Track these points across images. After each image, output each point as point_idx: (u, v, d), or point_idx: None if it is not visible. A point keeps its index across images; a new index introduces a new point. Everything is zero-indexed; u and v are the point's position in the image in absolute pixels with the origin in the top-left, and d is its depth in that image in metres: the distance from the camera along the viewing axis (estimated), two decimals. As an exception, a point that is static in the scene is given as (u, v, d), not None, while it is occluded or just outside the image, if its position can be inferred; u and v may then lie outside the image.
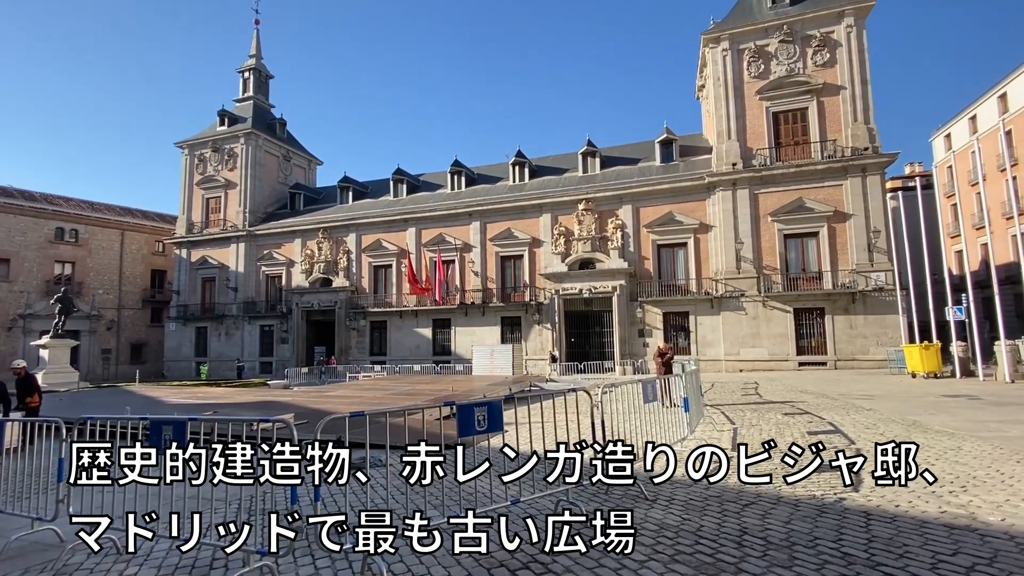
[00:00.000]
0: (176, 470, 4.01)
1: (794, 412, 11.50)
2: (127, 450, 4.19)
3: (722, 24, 29.02)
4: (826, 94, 26.52)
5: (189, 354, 39.50)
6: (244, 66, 45.54)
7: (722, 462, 4.52)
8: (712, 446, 4.57)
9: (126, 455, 4.17)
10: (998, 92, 34.89)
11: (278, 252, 38.10)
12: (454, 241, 32.74)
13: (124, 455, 4.18)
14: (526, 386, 18.73)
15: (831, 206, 25.53)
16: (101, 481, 4.32)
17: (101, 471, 4.25)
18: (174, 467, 4.01)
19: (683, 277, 28.06)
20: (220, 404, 15.50)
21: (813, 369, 24.61)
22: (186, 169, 41.99)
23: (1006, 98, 34.23)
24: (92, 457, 4.28)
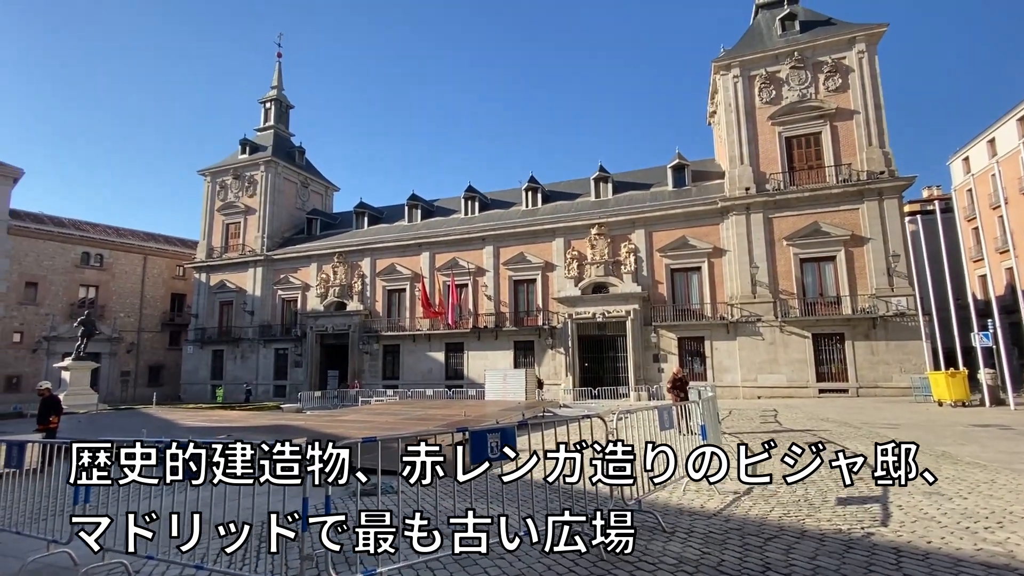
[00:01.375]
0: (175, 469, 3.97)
1: (815, 441, 11.17)
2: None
3: (732, 52, 29.38)
4: (839, 119, 26.53)
5: (205, 377, 39.86)
6: (266, 97, 47.08)
7: (722, 464, 4.43)
8: (712, 446, 4.41)
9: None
10: (1017, 115, 34.55)
11: (294, 276, 38.64)
12: (467, 265, 32.93)
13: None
14: (540, 412, 18.51)
15: (848, 230, 25.26)
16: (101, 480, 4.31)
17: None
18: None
19: (698, 301, 27.79)
20: (234, 428, 15.53)
21: (834, 396, 23.98)
22: (208, 196, 43.12)
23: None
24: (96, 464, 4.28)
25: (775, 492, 6.79)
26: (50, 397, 10.21)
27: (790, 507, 6.06)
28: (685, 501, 6.45)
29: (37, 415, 10.08)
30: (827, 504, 6.16)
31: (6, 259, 36.62)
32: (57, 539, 4.99)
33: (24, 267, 37.44)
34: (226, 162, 43.50)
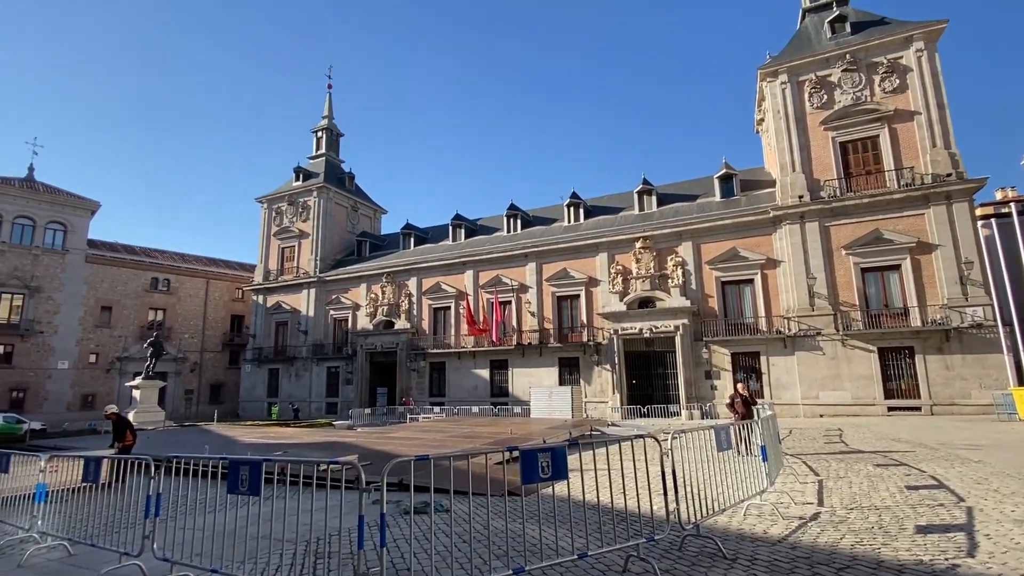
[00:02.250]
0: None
1: (888, 463, 10.43)
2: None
3: (779, 58, 28.59)
4: (898, 120, 25.21)
5: (262, 395, 41.54)
6: (317, 126, 49.50)
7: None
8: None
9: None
10: (1101, 108, 31.82)
11: (345, 297, 39.94)
12: (510, 282, 33.08)
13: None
14: (587, 431, 18.20)
15: (913, 237, 23.78)
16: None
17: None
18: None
19: (751, 315, 26.74)
20: (289, 444, 16.05)
21: (905, 414, 22.35)
22: (265, 222, 45.47)
23: (1112, 114, 31.12)
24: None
25: (845, 518, 6.36)
26: (118, 419, 10.89)
27: (863, 535, 5.64)
28: (746, 526, 6.12)
29: (112, 434, 10.75)
30: (905, 532, 5.70)
31: (84, 285, 39.79)
32: (129, 551, 5.24)
33: (100, 292, 40.45)
34: (281, 189, 45.82)
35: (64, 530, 6.20)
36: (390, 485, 8.66)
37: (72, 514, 6.29)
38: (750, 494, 6.71)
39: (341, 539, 5.41)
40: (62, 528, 6.27)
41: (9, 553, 6.30)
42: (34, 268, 37.57)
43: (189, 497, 6.07)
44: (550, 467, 4.41)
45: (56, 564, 5.89)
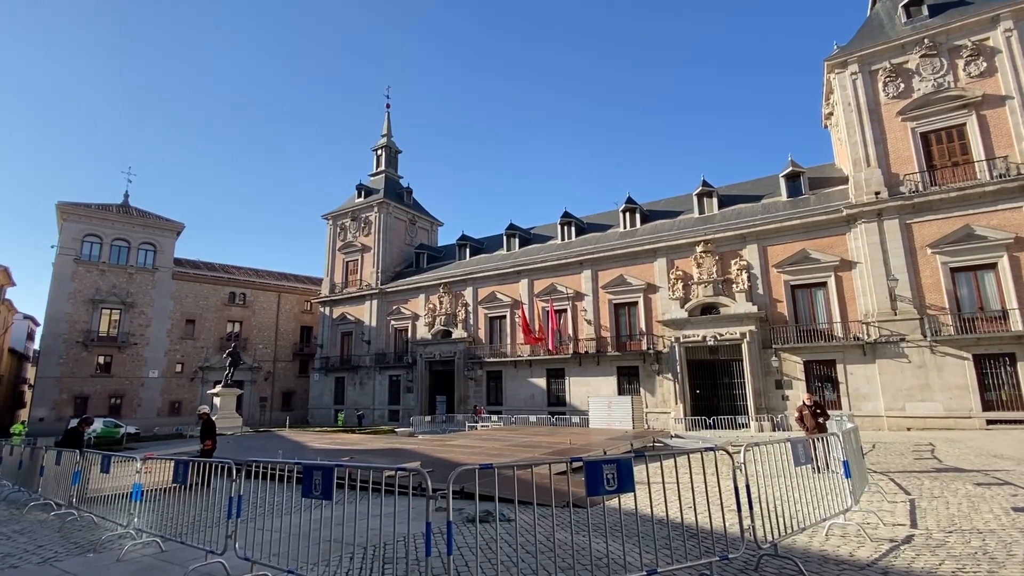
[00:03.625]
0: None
1: (990, 482, 9.44)
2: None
3: (848, 48, 26.97)
4: (987, 107, 23.07)
5: (329, 402, 43.38)
6: (377, 145, 51.63)
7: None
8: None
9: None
10: None
11: (405, 307, 41.14)
12: (565, 290, 32.85)
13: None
14: (649, 442, 17.69)
15: (1010, 232, 21.58)
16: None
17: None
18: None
19: (825, 320, 25.13)
20: (355, 450, 16.61)
21: (1008, 428, 20.16)
22: (330, 237, 47.79)
23: None
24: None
25: (943, 542, 5.80)
26: (208, 420, 11.53)
27: (965, 561, 5.11)
28: (829, 547, 5.70)
29: (201, 433, 11.46)
30: (1013, 559, 5.12)
31: (171, 300, 43.26)
32: (214, 550, 5.57)
33: (184, 307, 43.80)
34: (344, 206, 48.02)
35: (157, 527, 6.69)
36: (454, 493, 8.78)
37: (163, 512, 6.77)
38: (832, 513, 6.25)
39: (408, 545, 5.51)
40: (155, 525, 6.76)
41: (109, 548, 6.87)
42: (129, 285, 41.26)
43: (266, 499, 6.39)
44: (615, 479, 4.30)
45: (150, 559, 6.35)
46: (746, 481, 4.86)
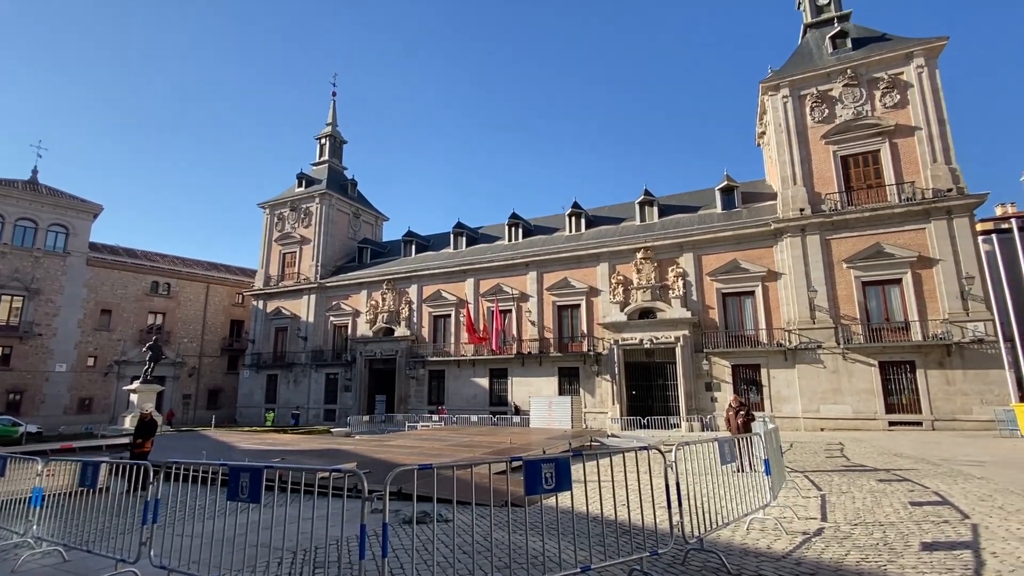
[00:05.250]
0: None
1: (891, 479, 10.36)
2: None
3: (781, 72, 28.81)
4: (899, 135, 25.35)
5: (260, 400, 41.36)
6: (321, 133, 49.79)
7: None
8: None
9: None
10: (1101, 126, 32.05)
11: (345, 303, 39.92)
12: (511, 291, 33.07)
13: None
14: (587, 441, 18.09)
15: (914, 251, 23.81)
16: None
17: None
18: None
19: (752, 327, 26.70)
20: (287, 451, 15.92)
21: (906, 429, 22.24)
22: (266, 227, 45.57)
23: (1111, 132, 31.34)
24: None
25: (849, 534, 6.30)
26: (151, 420, 10.50)
27: (868, 551, 5.58)
28: (750, 541, 6.05)
29: (136, 432, 10.41)
30: (910, 549, 5.64)
31: (84, 288, 39.74)
32: (125, 558, 5.18)
33: (100, 296, 40.40)
34: (284, 195, 45.98)
35: (60, 535, 6.13)
36: (391, 495, 8.60)
37: (67, 519, 6.22)
38: (753, 508, 6.65)
39: (341, 548, 5.34)
40: (58, 533, 6.20)
41: (3, 558, 6.22)
42: (34, 270, 37.55)
43: (187, 503, 6.01)
44: (553, 478, 4.37)
45: (50, 570, 5.81)
46: (676, 479, 5.07)
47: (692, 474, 6.57)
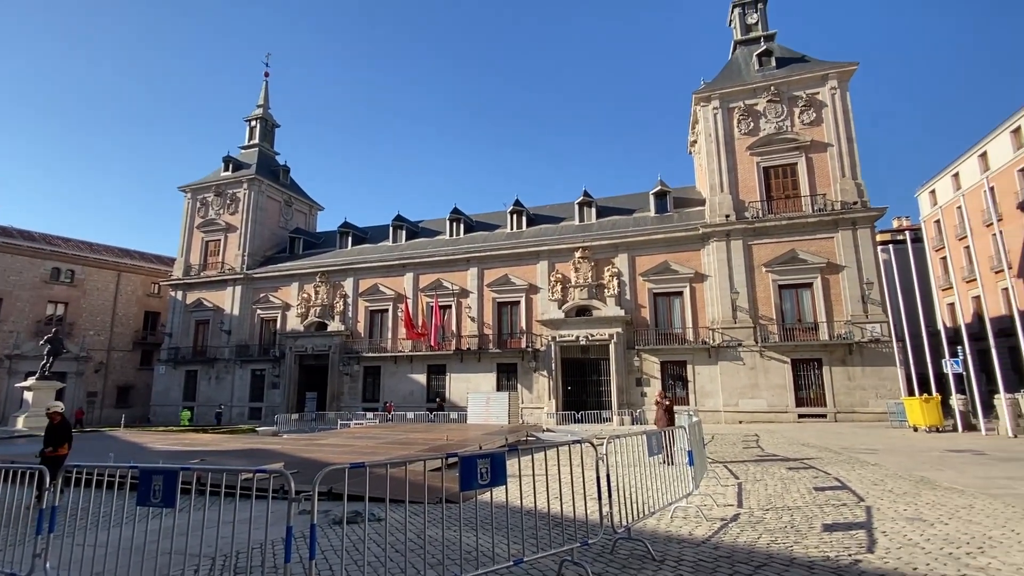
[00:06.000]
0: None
1: (798, 467, 11.24)
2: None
3: (712, 84, 30.39)
4: (814, 151, 27.49)
5: (177, 398, 38.60)
6: (251, 115, 47.01)
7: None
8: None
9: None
10: (979, 151, 36.29)
11: (275, 296, 38.03)
12: (451, 287, 32.84)
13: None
14: (523, 436, 18.32)
15: (824, 258, 25.94)
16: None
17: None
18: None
19: (680, 326, 28.07)
20: (207, 452, 14.98)
21: (813, 421, 24.24)
22: (188, 212, 42.48)
23: (987, 157, 35.56)
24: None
25: (762, 519, 6.78)
26: (62, 422, 9.02)
27: (777, 534, 6.03)
28: (673, 528, 6.38)
29: (46, 437, 8.92)
30: (814, 530, 6.16)
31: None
32: (15, 572, 4.70)
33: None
34: (208, 179, 43.08)
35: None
36: (321, 495, 8.30)
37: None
38: (677, 497, 7.01)
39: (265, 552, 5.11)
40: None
41: None
42: (-95, 252, 33.01)
43: (90, 510, 5.52)
44: (489, 473, 4.40)
45: (-79, 590, 5.15)
46: (607, 471, 5.25)
47: (622, 466, 6.83)
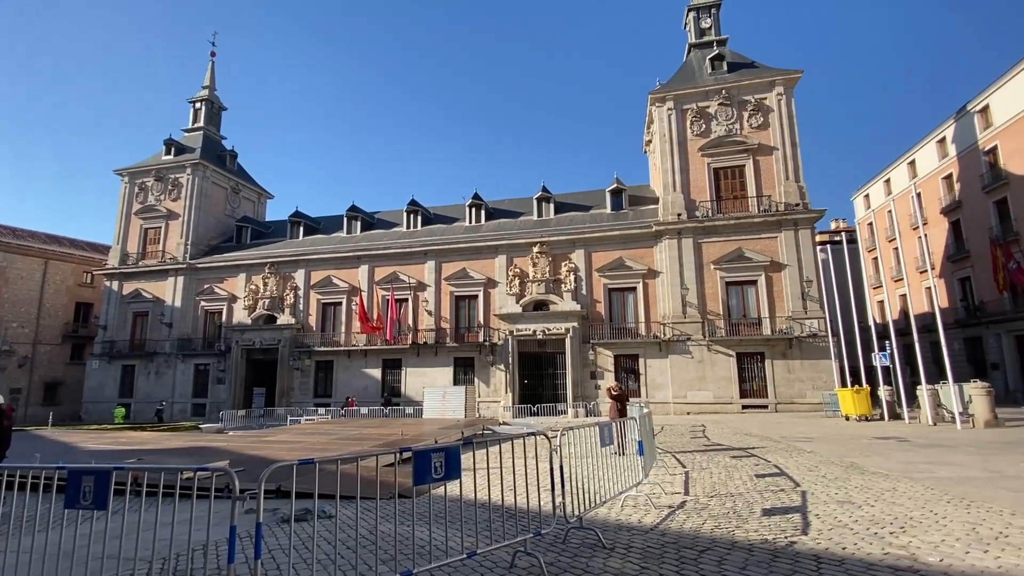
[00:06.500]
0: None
1: (741, 455, 11.77)
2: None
3: (667, 86, 31.17)
4: (761, 153, 28.71)
5: (112, 395, 36.37)
6: (196, 96, 44.58)
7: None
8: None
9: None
10: (908, 159, 38.91)
11: (220, 287, 36.38)
12: (408, 280, 32.39)
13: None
14: (480, 430, 18.35)
15: (768, 256, 27.19)
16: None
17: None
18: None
19: (633, 320, 28.79)
20: (146, 451, 14.21)
21: (755, 412, 25.45)
22: (125, 198, 39.93)
23: (915, 164, 38.18)
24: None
25: (707, 505, 7.07)
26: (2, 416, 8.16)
27: (720, 519, 6.31)
28: (623, 517, 6.56)
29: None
30: (754, 515, 6.47)
31: None
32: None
33: None
34: (148, 163, 40.63)
35: None
36: (268, 493, 8.06)
37: None
38: (628, 486, 7.20)
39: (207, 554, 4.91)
40: None
41: None
42: None
43: (12, 515, 5.14)
44: (443, 467, 4.38)
45: None
46: (560, 463, 5.34)
47: (575, 457, 6.96)
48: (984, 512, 6.20)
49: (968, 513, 6.17)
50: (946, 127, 34.60)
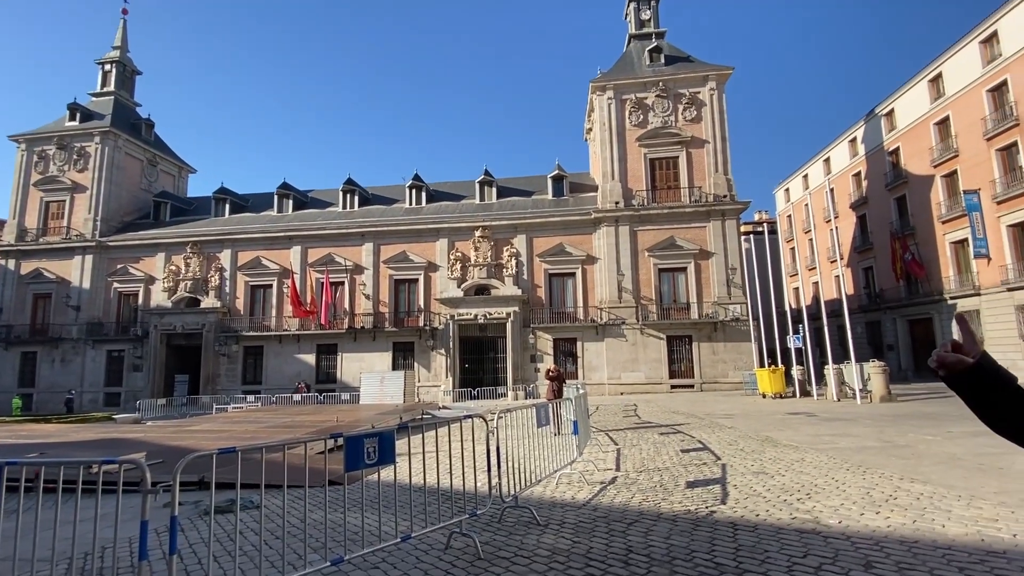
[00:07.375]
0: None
1: (669, 432, 12.42)
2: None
3: (608, 75, 31.68)
4: (694, 146, 29.91)
5: (10, 384, 32.96)
6: (105, 57, 40.44)
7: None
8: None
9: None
10: (824, 157, 41.87)
11: (135, 267, 33.65)
12: (344, 262, 31.34)
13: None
14: (418, 414, 18.22)
15: (697, 245, 28.55)
16: None
17: None
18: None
19: (572, 305, 29.45)
20: (50, 444, 13.01)
21: (683, 391, 26.90)
22: (21, 167, 35.85)
23: (830, 162, 41.16)
24: None
25: (636, 480, 7.41)
26: None
27: (648, 493, 6.64)
28: (558, 494, 6.75)
29: None
30: (679, 488, 6.85)
31: None
32: None
33: None
34: (49, 128, 36.61)
35: None
36: (190, 485, 7.64)
37: None
38: (563, 465, 7.42)
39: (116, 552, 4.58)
40: None
41: None
42: None
43: None
44: (376, 452, 4.30)
45: None
46: (497, 444, 5.40)
47: (512, 439, 7.07)
48: (877, 478, 6.90)
49: (864, 479, 6.85)
50: (857, 128, 37.45)
